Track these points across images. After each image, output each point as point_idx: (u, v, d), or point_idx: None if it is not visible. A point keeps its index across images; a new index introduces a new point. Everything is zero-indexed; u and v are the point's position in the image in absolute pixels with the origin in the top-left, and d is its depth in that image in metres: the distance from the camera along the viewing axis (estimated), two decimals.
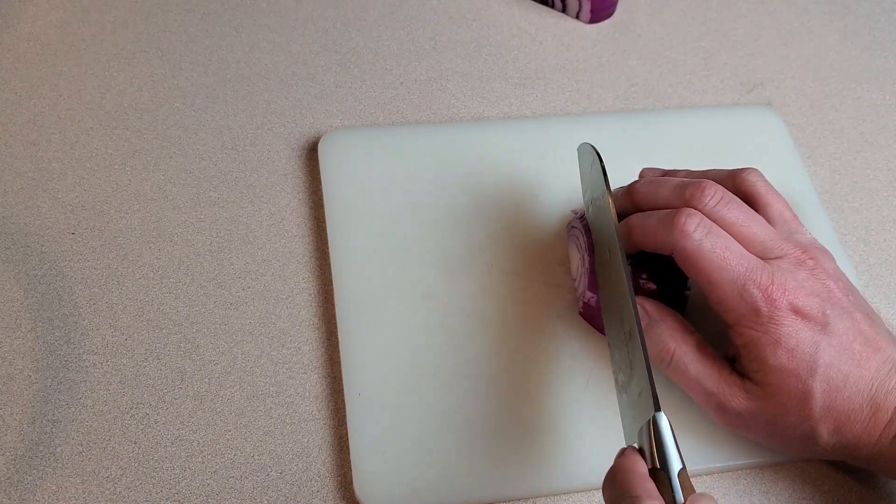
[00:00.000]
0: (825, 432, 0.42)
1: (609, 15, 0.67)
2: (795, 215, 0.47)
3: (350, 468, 0.46)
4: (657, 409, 0.39)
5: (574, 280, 0.52)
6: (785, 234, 0.45)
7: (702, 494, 0.36)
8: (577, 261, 0.51)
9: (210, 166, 0.56)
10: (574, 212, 0.54)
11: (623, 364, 0.44)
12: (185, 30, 0.63)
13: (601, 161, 0.49)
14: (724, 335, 0.45)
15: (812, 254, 0.44)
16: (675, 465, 0.37)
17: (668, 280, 0.48)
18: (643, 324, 0.46)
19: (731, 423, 0.44)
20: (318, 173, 0.56)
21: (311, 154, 0.58)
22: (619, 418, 0.43)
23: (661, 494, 0.36)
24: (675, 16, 0.68)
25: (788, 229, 0.46)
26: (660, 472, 0.37)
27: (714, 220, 0.44)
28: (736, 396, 0.43)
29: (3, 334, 0.49)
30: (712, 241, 0.43)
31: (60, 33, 0.62)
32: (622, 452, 0.39)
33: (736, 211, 0.44)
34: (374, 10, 0.66)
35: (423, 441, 0.46)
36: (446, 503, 0.45)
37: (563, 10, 0.67)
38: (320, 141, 0.57)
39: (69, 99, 0.59)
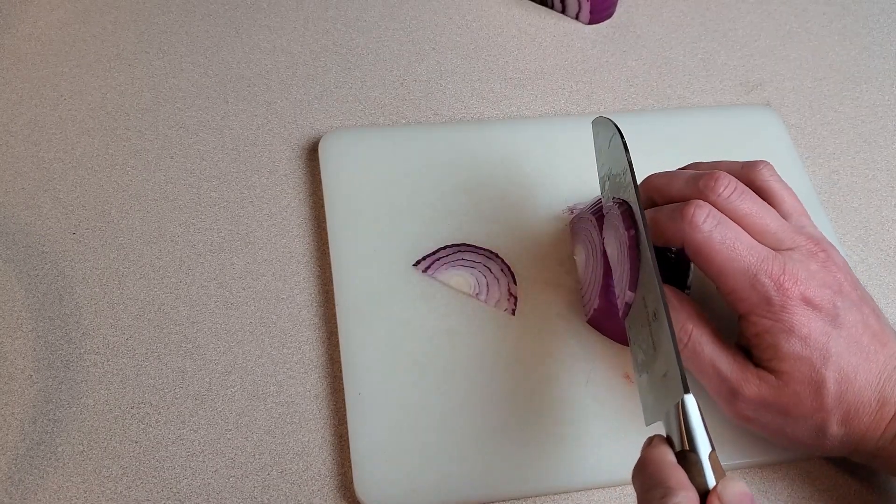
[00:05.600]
0: (834, 424, 0.43)
1: (608, 16, 0.67)
2: (806, 211, 0.47)
3: (350, 468, 0.46)
4: (686, 391, 0.38)
5: (582, 285, 0.51)
6: (797, 227, 0.46)
7: (732, 477, 0.36)
8: (584, 261, 0.50)
9: (211, 167, 0.57)
10: (571, 209, 0.53)
11: (645, 344, 0.43)
12: (185, 31, 0.63)
13: (622, 135, 0.47)
14: (727, 331, 0.46)
15: (824, 246, 0.45)
16: (705, 449, 0.37)
17: (668, 280, 0.48)
18: None
19: (741, 414, 0.44)
20: (319, 173, 0.56)
21: (311, 154, 0.58)
22: (619, 417, 0.44)
23: (693, 476, 0.36)
24: (674, 16, 0.68)
25: (800, 223, 0.46)
26: (690, 454, 0.37)
27: (727, 211, 0.44)
28: (749, 382, 0.43)
29: (4, 334, 0.49)
30: (722, 233, 0.43)
31: (61, 34, 0.62)
32: (650, 441, 0.38)
33: (749, 202, 0.45)
34: (374, 11, 0.66)
35: (423, 441, 0.46)
36: (446, 503, 0.45)
37: (563, 11, 0.67)
38: (320, 141, 0.57)
39: (70, 99, 0.59)
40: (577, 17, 0.67)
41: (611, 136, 0.48)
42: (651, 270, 0.43)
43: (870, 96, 0.65)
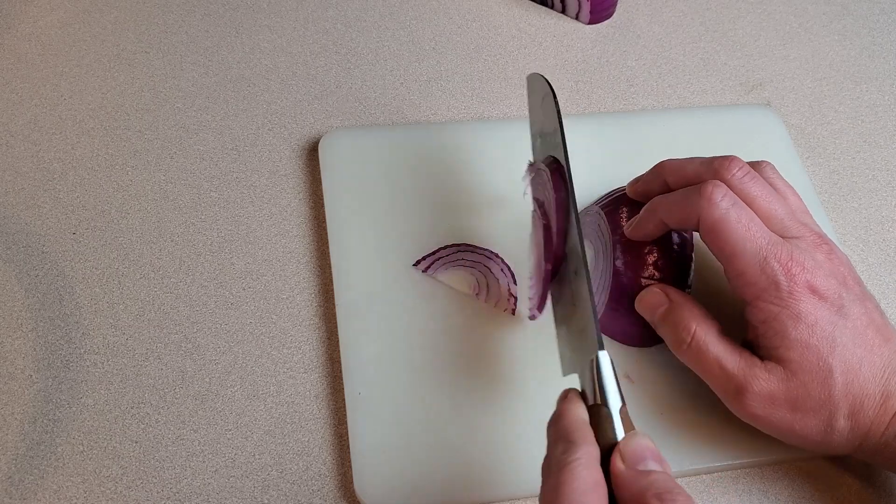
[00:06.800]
0: (841, 418, 0.43)
1: (608, 16, 0.67)
2: (808, 211, 0.48)
3: (350, 467, 0.46)
4: (601, 347, 0.39)
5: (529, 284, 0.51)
6: (801, 221, 0.46)
7: (637, 432, 0.37)
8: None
9: (211, 166, 0.57)
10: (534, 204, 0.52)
11: (566, 299, 0.45)
12: (185, 30, 0.63)
13: (554, 95, 0.48)
14: (733, 328, 0.45)
15: (827, 240, 0.45)
16: (616, 404, 0.38)
17: (669, 279, 0.48)
18: (663, 309, 0.46)
19: (748, 410, 0.44)
20: (318, 173, 0.56)
21: (311, 154, 0.58)
22: None
23: (604, 429, 0.37)
24: (674, 16, 0.68)
25: (804, 220, 0.46)
26: (601, 408, 0.38)
27: (739, 192, 0.45)
28: (757, 377, 0.43)
29: (4, 334, 0.49)
30: (738, 212, 0.44)
31: (61, 34, 0.62)
32: (565, 395, 0.40)
33: (759, 186, 0.45)
34: (374, 11, 0.66)
35: (424, 441, 0.46)
36: (446, 503, 0.45)
37: (563, 11, 0.67)
38: (320, 141, 0.57)
39: (70, 99, 0.59)
40: (577, 17, 0.67)
41: (543, 95, 0.49)
42: (575, 230, 0.44)
43: (870, 96, 0.65)
